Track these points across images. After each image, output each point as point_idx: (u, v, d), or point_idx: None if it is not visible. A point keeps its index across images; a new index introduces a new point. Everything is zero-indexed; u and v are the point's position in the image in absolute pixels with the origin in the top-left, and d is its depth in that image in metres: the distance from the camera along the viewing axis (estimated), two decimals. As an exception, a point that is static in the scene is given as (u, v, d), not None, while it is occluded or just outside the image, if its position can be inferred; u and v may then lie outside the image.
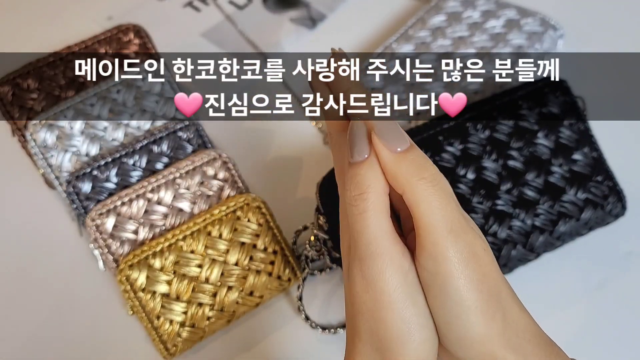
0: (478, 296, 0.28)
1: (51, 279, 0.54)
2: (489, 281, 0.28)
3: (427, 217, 0.28)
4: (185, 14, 0.74)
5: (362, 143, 0.30)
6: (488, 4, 0.65)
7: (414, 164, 0.28)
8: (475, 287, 0.28)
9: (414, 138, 0.50)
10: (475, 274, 0.28)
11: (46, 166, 0.54)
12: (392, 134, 0.30)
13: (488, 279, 0.28)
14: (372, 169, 0.30)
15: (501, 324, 0.28)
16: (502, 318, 0.28)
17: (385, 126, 0.30)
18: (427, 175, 0.28)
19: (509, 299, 0.29)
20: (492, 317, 0.28)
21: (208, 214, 0.50)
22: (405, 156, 0.29)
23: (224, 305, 0.49)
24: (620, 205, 0.51)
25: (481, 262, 0.28)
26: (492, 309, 0.28)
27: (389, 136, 0.30)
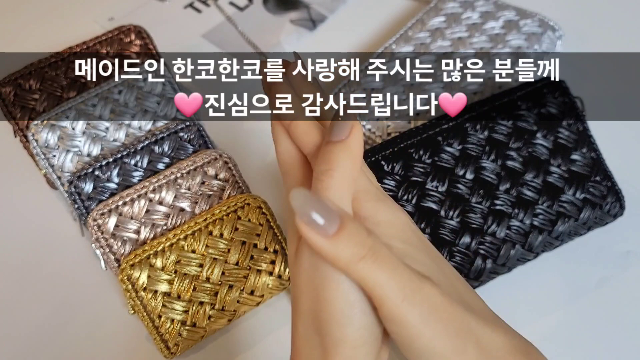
0: (446, 342, 0.28)
1: (53, 278, 0.54)
2: (454, 322, 0.28)
3: (378, 291, 0.27)
4: (186, 15, 0.74)
5: (345, 124, 0.30)
6: (487, 5, 0.65)
7: (350, 244, 0.27)
8: (442, 335, 0.28)
9: (413, 138, 0.51)
10: (440, 324, 0.28)
11: (48, 166, 0.54)
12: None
13: (453, 321, 0.28)
14: (346, 151, 0.29)
15: (474, 352, 0.28)
16: (474, 346, 0.28)
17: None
18: (366, 252, 0.27)
19: (479, 325, 0.29)
20: (464, 351, 0.28)
21: (209, 214, 0.50)
22: (339, 238, 0.27)
23: (225, 304, 0.49)
24: (619, 205, 0.52)
25: (443, 310, 0.28)
26: (463, 344, 0.28)
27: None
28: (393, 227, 0.30)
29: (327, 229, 0.27)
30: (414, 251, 0.30)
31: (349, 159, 0.30)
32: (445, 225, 0.49)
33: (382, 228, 0.30)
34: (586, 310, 0.50)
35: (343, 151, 0.29)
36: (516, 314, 0.50)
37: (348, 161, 0.29)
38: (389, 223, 0.30)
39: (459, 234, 0.49)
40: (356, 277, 0.27)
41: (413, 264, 0.29)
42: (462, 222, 0.49)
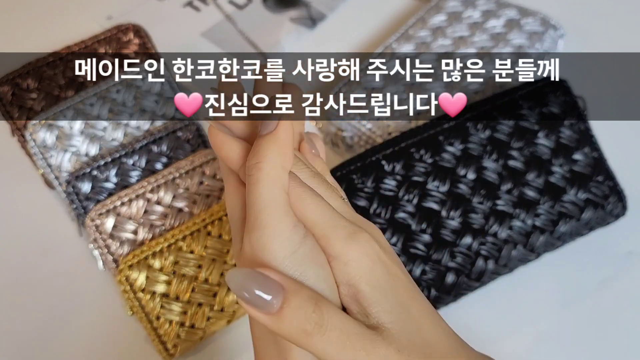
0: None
1: (51, 279, 0.54)
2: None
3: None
4: (185, 13, 0.74)
5: (272, 117, 0.30)
6: (488, 4, 0.65)
7: (294, 320, 0.26)
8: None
9: (414, 138, 0.50)
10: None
11: (46, 166, 0.54)
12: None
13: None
14: (274, 142, 0.29)
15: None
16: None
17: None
18: (312, 328, 0.27)
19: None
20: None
21: (207, 214, 0.50)
22: (282, 315, 0.26)
23: (224, 305, 0.49)
24: (621, 205, 0.51)
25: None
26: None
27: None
28: (362, 267, 0.29)
29: (269, 305, 0.26)
30: (380, 296, 0.29)
31: (278, 149, 0.29)
32: (447, 225, 0.48)
33: (351, 268, 0.29)
34: (588, 311, 0.50)
35: (271, 142, 0.29)
36: (518, 315, 0.50)
37: (276, 152, 0.29)
38: (358, 262, 0.29)
39: (460, 235, 0.48)
40: (304, 348, 0.27)
41: (377, 312, 0.28)
42: (463, 222, 0.49)
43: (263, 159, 0.29)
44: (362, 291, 0.29)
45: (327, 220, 0.30)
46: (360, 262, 0.29)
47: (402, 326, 0.29)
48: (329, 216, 0.30)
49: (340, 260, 0.29)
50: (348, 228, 0.30)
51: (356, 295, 0.29)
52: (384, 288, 0.29)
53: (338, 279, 0.29)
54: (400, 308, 0.29)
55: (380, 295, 0.29)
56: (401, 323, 0.29)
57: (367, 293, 0.29)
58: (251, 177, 0.29)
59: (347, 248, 0.29)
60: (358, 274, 0.29)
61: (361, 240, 0.30)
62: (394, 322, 0.28)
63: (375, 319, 0.28)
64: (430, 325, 0.30)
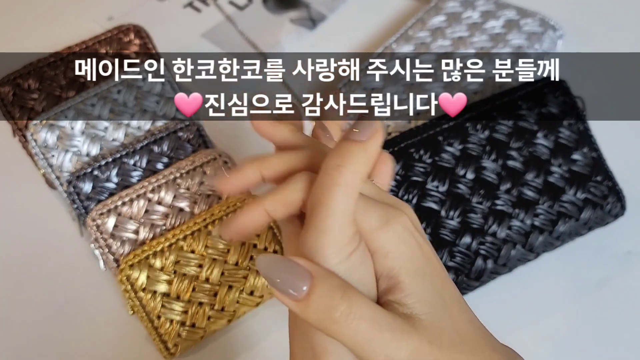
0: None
1: (52, 278, 0.54)
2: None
3: (357, 352, 0.27)
4: (186, 14, 0.74)
5: (368, 126, 0.29)
6: (488, 5, 0.65)
7: (320, 308, 0.27)
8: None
9: (413, 138, 0.50)
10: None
11: (47, 166, 0.54)
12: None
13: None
14: (362, 152, 0.28)
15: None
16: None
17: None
18: (339, 316, 0.27)
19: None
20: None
21: (208, 214, 0.50)
22: (309, 302, 0.27)
23: (225, 304, 0.49)
24: (620, 205, 0.51)
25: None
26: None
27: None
28: (402, 257, 0.29)
29: (296, 291, 0.27)
30: (418, 286, 0.29)
31: (364, 159, 0.28)
32: (446, 225, 0.49)
33: (390, 260, 0.29)
34: (587, 311, 0.50)
35: (359, 150, 0.28)
36: (517, 315, 0.50)
37: (362, 161, 0.28)
38: (397, 253, 0.29)
39: (460, 234, 0.49)
40: (333, 336, 0.27)
41: (413, 303, 0.28)
42: (462, 222, 0.49)
43: (346, 164, 0.28)
44: (401, 282, 0.29)
45: (359, 210, 0.29)
46: (400, 252, 0.29)
47: (435, 316, 0.29)
48: (361, 206, 0.30)
49: (380, 253, 0.29)
50: (381, 215, 0.29)
51: (395, 287, 0.29)
52: (422, 276, 0.29)
53: (378, 272, 0.29)
54: (436, 296, 0.29)
55: (418, 286, 0.29)
56: (435, 313, 0.29)
57: (407, 284, 0.29)
58: (328, 178, 0.28)
59: (385, 239, 0.29)
60: (398, 265, 0.29)
61: (397, 226, 0.29)
62: (428, 312, 0.28)
63: (410, 309, 0.28)
64: (459, 313, 0.30)
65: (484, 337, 0.30)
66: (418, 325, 0.28)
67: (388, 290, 0.29)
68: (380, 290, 0.29)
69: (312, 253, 0.28)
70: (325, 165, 0.28)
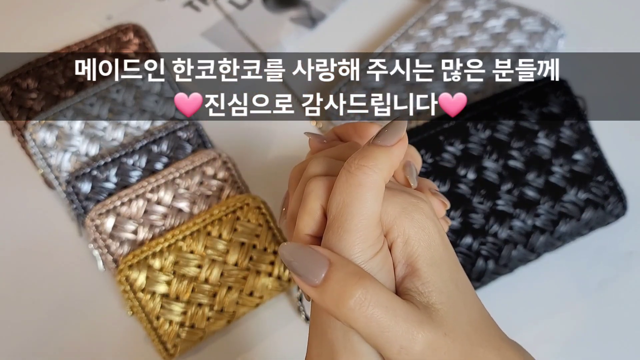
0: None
1: (50, 279, 0.54)
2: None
3: (372, 342, 0.27)
4: (185, 13, 0.74)
5: (395, 132, 0.29)
6: (488, 4, 0.65)
7: (334, 294, 0.27)
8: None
9: (414, 138, 0.50)
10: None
11: (45, 166, 0.54)
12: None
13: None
14: (388, 155, 0.29)
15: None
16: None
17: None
18: (353, 304, 0.27)
19: (485, 355, 0.29)
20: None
21: (208, 214, 0.50)
22: (324, 288, 0.27)
23: (224, 305, 0.49)
24: (621, 205, 0.51)
25: (444, 352, 0.28)
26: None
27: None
28: (421, 244, 0.29)
29: (314, 276, 0.27)
30: (434, 274, 0.29)
31: (389, 162, 0.29)
32: (447, 225, 0.48)
33: (410, 247, 0.29)
34: (588, 312, 0.50)
35: (385, 153, 0.29)
36: (518, 315, 0.50)
37: (388, 163, 0.29)
38: (417, 240, 0.29)
39: (461, 235, 0.48)
40: (349, 325, 0.27)
41: (429, 292, 0.29)
42: (463, 222, 0.49)
43: (372, 164, 0.28)
44: (418, 269, 0.29)
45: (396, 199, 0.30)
46: (419, 239, 0.29)
47: (450, 306, 0.29)
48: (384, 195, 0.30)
49: (401, 240, 0.29)
50: (402, 203, 0.30)
51: (412, 274, 0.29)
52: (439, 264, 0.29)
53: (397, 259, 0.29)
54: (451, 284, 0.29)
55: (435, 274, 0.29)
56: (450, 302, 0.29)
57: (424, 272, 0.29)
58: (353, 177, 0.28)
59: (406, 226, 0.29)
60: (417, 252, 0.29)
61: (417, 214, 0.30)
62: (444, 302, 0.28)
63: (427, 298, 0.28)
64: (472, 302, 0.30)
65: (493, 327, 0.30)
66: (434, 316, 0.28)
67: (405, 277, 0.29)
68: (398, 277, 0.29)
69: (338, 250, 0.28)
70: (349, 164, 0.29)
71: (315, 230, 0.30)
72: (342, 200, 0.28)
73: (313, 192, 0.30)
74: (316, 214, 0.30)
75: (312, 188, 0.30)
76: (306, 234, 0.31)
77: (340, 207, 0.28)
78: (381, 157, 0.29)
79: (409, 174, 0.33)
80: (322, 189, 0.30)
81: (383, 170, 0.28)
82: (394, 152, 0.29)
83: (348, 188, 0.28)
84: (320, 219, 0.30)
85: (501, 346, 0.29)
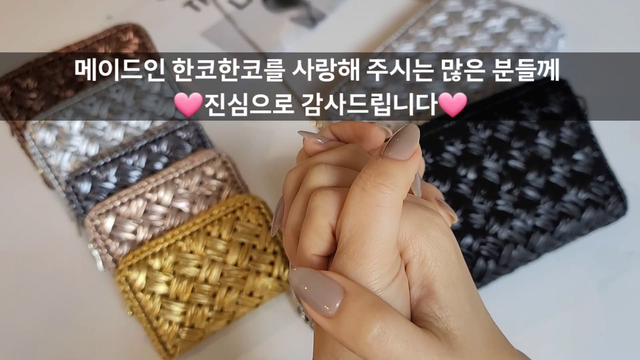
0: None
1: (50, 279, 0.54)
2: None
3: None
4: (185, 13, 0.74)
5: (410, 144, 0.27)
6: (489, 4, 0.64)
7: (351, 327, 0.25)
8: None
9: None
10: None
11: (45, 166, 0.53)
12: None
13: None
14: (404, 171, 0.26)
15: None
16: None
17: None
18: (371, 339, 0.24)
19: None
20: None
21: (207, 214, 0.50)
22: (340, 320, 0.25)
23: (224, 305, 0.49)
24: (622, 205, 0.51)
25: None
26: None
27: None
28: (438, 265, 0.27)
29: (328, 307, 0.25)
30: (451, 297, 0.27)
31: (405, 179, 0.26)
32: (447, 226, 0.48)
33: (426, 268, 0.27)
34: (588, 312, 0.50)
35: (401, 169, 0.26)
36: (518, 316, 0.50)
37: (404, 181, 0.26)
38: (434, 258, 0.27)
39: (461, 235, 0.48)
40: (364, 358, 0.25)
41: (447, 317, 0.27)
42: (464, 222, 0.49)
43: (390, 182, 0.26)
44: (435, 292, 0.27)
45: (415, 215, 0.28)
46: (435, 259, 0.27)
47: (467, 330, 0.27)
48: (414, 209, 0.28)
49: (417, 260, 0.27)
50: (417, 219, 0.27)
51: (428, 297, 0.27)
52: (455, 285, 0.28)
53: (412, 280, 0.27)
54: (467, 306, 0.28)
55: (453, 296, 0.27)
56: (467, 326, 0.27)
57: (441, 295, 0.27)
58: (370, 197, 0.26)
59: (422, 245, 0.27)
60: (434, 273, 0.27)
61: (433, 231, 0.27)
62: (462, 327, 0.27)
63: (444, 323, 0.27)
64: (484, 320, 0.29)
65: (503, 342, 0.29)
66: (454, 343, 0.26)
67: (421, 300, 0.27)
68: (413, 300, 0.27)
69: (352, 277, 0.26)
70: (364, 182, 0.26)
71: (323, 250, 0.28)
72: (357, 222, 0.26)
73: (320, 208, 0.27)
74: (324, 232, 0.28)
75: (318, 203, 0.28)
76: (312, 254, 0.28)
77: (356, 229, 0.26)
78: (398, 173, 0.26)
79: (413, 184, 0.30)
80: (330, 205, 0.27)
81: (401, 188, 0.26)
82: (410, 166, 0.26)
83: (364, 209, 0.26)
84: (328, 238, 0.28)
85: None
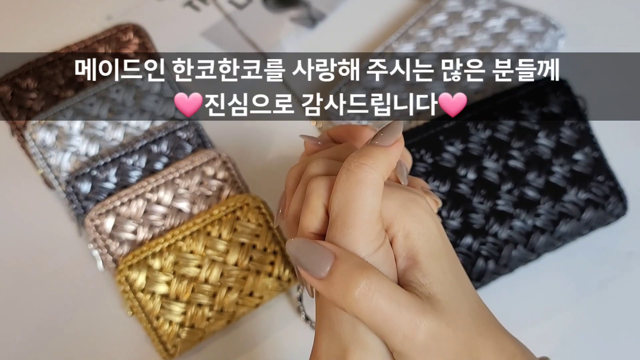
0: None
1: (50, 279, 0.54)
2: (458, 351, 0.29)
3: (376, 331, 0.28)
4: (185, 13, 0.74)
5: (392, 134, 0.31)
6: (489, 4, 0.64)
7: (340, 287, 0.28)
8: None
9: (414, 138, 0.50)
10: (442, 357, 0.28)
11: (45, 166, 0.54)
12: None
13: (457, 350, 0.29)
14: (385, 154, 0.30)
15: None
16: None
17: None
18: (358, 295, 0.28)
19: (485, 344, 0.30)
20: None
21: (207, 214, 0.50)
22: (330, 280, 0.28)
23: (224, 305, 0.49)
24: (622, 205, 0.51)
25: (446, 341, 0.28)
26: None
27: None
28: (421, 238, 0.30)
29: (320, 270, 0.29)
30: (435, 266, 0.30)
31: (387, 160, 0.30)
32: (447, 225, 0.48)
33: (411, 241, 0.30)
34: (589, 312, 0.50)
35: (383, 152, 0.30)
36: (518, 316, 0.50)
37: (385, 161, 0.30)
38: (417, 234, 0.30)
39: (461, 235, 0.48)
40: (355, 315, 0.28)
41: (430, 283, 0.29)
42: (463, 222, 0.49)
43: (371, 162, 0.29)
44: (419, 262, 0.30)
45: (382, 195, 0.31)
46: (419, 233, 0.30)
47: (451, 297, 0.29)
48: (384, 192, 0.31)
49: (402, 234, 0.30)
50: (402, 198, 0.31)
51: (413, 266, 0.30)
52: (438, 256, 0.30)
53: (398, 252, 0.30)
54: (451, 276, 0.30)
55: (435, 266, 0.30)
56: (451, 293, 0.30)
57: (424, 264, 0.30)
58: (353, 175, 0.29)
59: (406, 221, 0.30)
60: (417, 245, 0.30)
61: (416, 209, 0.30)
62: (445, 293, 0.29)
63: (428, 289, 0.29)
64: (471, 294, 0.31)
65: (490, 318, 0.31)
66: (436, 306, 0.29)
67: (407, 270, 0.30)
68: (400, 270, 0.30)
69: (342, 245, 0.29)
70: (348, 163, 0.30)
71: (319, 228, 0.31)
72: (343, 198, 0.29)
73: (315, 191, 0.31)
74: (319, 212, 0.31)
75: (314, 187, 0.31)
76: (310, 232, 0.31)
77: (342, 204, 0.29)
78: (379, 155, 0.30)
79: (399, 173, 0.34)
80: (323, 188, 0.31)
81: (381, 168, 0.29)
82: (392, 151, 0.30)
83: (349, 186, 0.29)
84: (323, 217, 0.31)
85: (499, 336, 0.30)
